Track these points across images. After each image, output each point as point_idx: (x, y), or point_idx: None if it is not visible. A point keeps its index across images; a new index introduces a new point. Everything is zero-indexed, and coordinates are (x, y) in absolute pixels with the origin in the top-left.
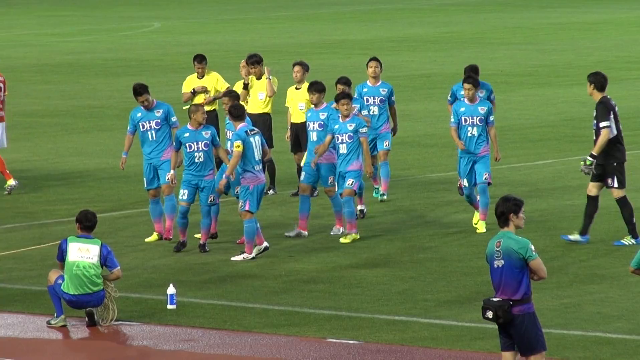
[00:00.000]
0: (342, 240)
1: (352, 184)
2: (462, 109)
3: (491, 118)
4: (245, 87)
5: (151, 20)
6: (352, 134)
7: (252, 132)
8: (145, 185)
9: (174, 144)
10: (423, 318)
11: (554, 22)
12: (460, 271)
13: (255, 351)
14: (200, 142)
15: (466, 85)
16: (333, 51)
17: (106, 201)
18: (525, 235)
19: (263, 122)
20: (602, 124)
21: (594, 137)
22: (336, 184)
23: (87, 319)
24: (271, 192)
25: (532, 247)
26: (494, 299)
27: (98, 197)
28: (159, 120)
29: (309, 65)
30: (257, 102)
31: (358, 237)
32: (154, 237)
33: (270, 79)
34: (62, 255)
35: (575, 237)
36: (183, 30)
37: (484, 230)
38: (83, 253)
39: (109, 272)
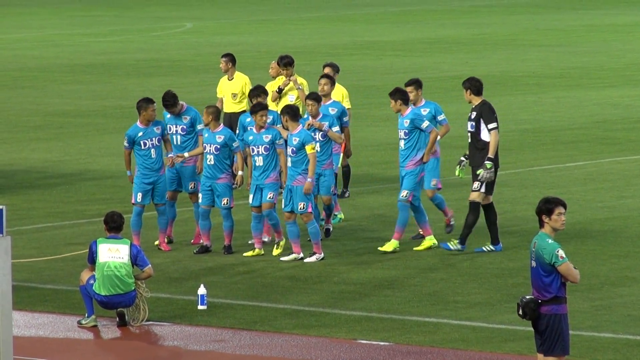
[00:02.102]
0: (274, 252)
1: (271, 198)
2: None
3: (423, 125)
4: (280, 91)
5: (183, 21)
6: (268, 146)
7: None
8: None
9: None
10: (453, 320)
11: (586, 24)
12: (491, 273)
13: (285, 352)
14: (212, 145)
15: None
16: (364, 52)
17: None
18: (556, 237)
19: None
20: (490, 126)
21: (469, 141)
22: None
23: (118, 319)
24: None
25: (561, 253)
26: (527, 297)
27: (129, 197)
28: (184, 127)
29: (340, 67)
30: (287, 104)
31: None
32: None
33: (300, 89)
34: (92, 257)
35: (488, 247)
36: (215, 30)
37: (390, 249)
38: (113, 253)
39: (140, 271)
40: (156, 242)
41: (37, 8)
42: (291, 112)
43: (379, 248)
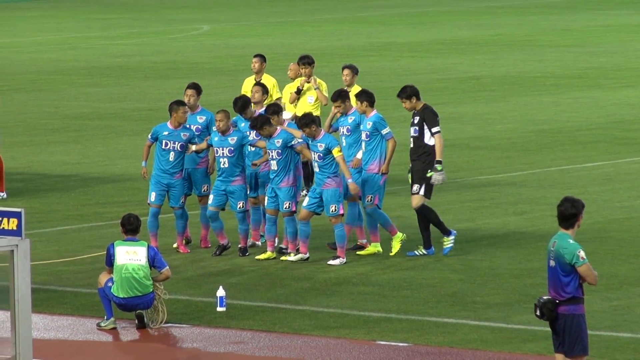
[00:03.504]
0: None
1: (288, 207)
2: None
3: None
4: (299, 91)
5: (200, 23)
6: (280, 150)
7: None
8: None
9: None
10: (472, 320)
11: (603, 24)
12: (510, 273)
13: (304, 353)
14: (225, 148)
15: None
16: (382, 54)
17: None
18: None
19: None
20: (434, 130)
21: (411, 145)
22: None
23: (136, 321)
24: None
25: (581, 254)
26: (544, 297)
27: (147, 200)
28: (199, 127)
29: (358, 68)
30: (306, 105)
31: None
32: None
33: (318, 89)
34: (110, 260)
35: (420, 252)
36: (232, 33)
37: (373, 252)
38: (131, 256)
39: (158, 273)
40: (174, 245)
41: (54, 11)
42: (314, 120)
43: (358, 252)
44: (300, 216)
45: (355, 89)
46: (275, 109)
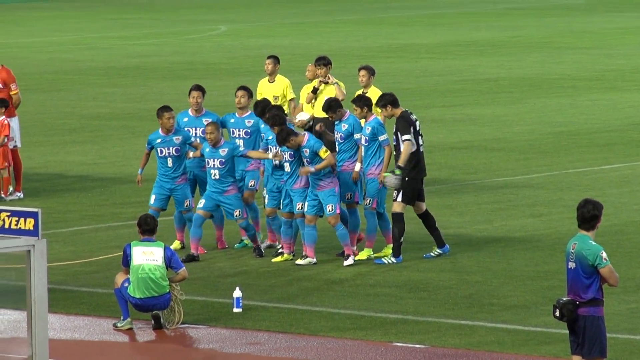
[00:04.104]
0: (298, 261)
1: (301, 208)
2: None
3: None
4: (315, 91)
5: (217, 24)
6: (292, 152)
7: None
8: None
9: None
10: (489, 322)
11: (621, 27)
12: (527, 275)
13: (321, 355)
14: (216, 160)
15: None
16: (400, 55)
17: (172, 204)
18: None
19: (329, 126)
20: (404, 137)
21: (394, 152)
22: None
23: (153, 321)
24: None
25: (604, 255)
26: (563, 298)
27: None
28: (205, 129)
29: (375, 69)
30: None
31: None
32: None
33: (337, 84)
34: (126, 260)
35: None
36: (249, 33)
37: (364, 257)
38: (147, 256)
39: (174, 274)
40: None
41: (72, 11)
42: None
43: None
44: (306, 221)
45: (372, 91)
46: (278, 120)
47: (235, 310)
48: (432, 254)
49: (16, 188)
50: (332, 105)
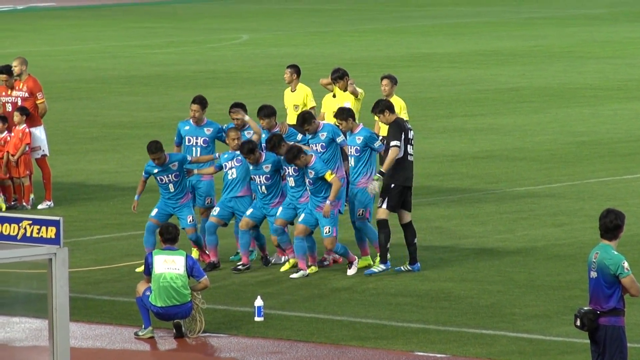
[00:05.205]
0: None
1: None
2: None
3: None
4: (334, 96)
5: (239, 33)
6: None
7: None
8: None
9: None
10: (510, 332)
11: None
12: (549, 285)
13: None
14: (234, 160)
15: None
16: (421, 64)
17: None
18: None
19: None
20: (392, 143)
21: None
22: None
23: (174, 330)
24: None
25: (626, 265)
26: (584, 308)
27: None
28: (206, 139)
29: (397, 78)
30: None
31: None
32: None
33: (352, 84)
34: (148, 269)
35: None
36: (271, 42)
37: (364, 265)
38: (169, 265)
39: (196, 282)
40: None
41: (93, 20)
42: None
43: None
44: (296, 232)
45: (394, 100)
46: (276, 141)
47: (257, 319)
48: (402, 267)
49: (46, 197)
50: (306, 118)
